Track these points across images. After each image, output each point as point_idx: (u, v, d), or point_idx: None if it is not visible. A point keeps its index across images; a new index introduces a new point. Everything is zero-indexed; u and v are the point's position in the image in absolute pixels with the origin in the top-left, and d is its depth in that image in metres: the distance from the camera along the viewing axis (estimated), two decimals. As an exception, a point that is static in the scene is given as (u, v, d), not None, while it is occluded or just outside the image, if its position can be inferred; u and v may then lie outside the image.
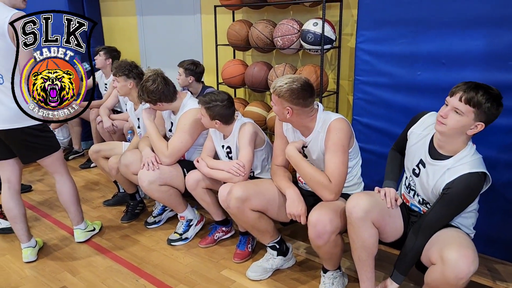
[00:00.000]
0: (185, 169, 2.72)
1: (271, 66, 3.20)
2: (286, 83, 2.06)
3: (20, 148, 2.43)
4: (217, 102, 2.45)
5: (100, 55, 4.21)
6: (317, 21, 2.75)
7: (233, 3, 3.20)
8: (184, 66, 3.48)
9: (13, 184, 2.55)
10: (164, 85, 2.66)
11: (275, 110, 2.16)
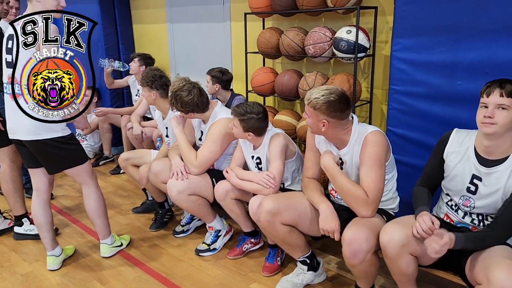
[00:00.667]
0: (214, 178, 2.69)
1: (301, 75, 3.14)
2: (323, 95, 1.99)
3: (44, 159, 2.45)
4: (252, 114, 2.40)
5: (135, 62, 4.27)
6: (350, 29, 2.67)
7: (263, 10, 3.16)
8: (211, 74, 3.46)
9: (41, 193, 2.57)
10: (199, 96, 2.64)
11: (309, 122, 2.09)
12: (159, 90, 3.02)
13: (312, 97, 2.01)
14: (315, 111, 2.02)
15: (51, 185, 2.63)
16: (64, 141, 2.38)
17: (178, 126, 2.75)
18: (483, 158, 1.78)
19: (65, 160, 2.46)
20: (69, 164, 2.49)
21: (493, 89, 1.68)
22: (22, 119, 2.29)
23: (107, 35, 4.81)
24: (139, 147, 4.14)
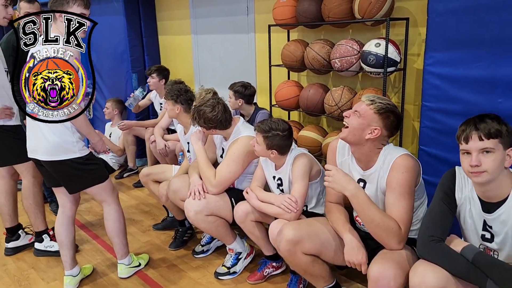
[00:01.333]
0: (234, 198, 2.57)
1: (327, 89, 2.99)
2: (389, 104, 1.89)
3: (63, 179, 2.41)
4: (277, 131, 2.28)
5: (153, 77, 4.26)
6: (379, 42, 2.51)
7: (288, 22, 3.04)
8: (234, 88, 3.37)
9: (66, 210, 2.54)
10: (223, 113, 2.55)
11: (354, 123, 1.88)
12: (183, 104, 2.95)
13: (378, 100, 1.88)
14: (374, 115, 1.86)
15: (77, 202, 2.60)
16: (82, 161, 2.33)
17: (198, 142, 2.66)
18: (486, 203, 1.61)
19: (83, 180, 2.41)
20: (88, 184, 2.44)
21: (470, 133, 1.53)
22: (41, 139, 2.27)
23: (133, 47, 4.80)
24: (162, 160, 4.09)
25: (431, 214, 1.72)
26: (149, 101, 4.63)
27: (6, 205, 2.98)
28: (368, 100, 1.89)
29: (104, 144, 2.51)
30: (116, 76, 5.07)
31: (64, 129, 2.26)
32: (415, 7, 2.59)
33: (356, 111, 1.90)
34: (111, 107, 4.78)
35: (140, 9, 4.78)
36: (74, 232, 2.58)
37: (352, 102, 2.72)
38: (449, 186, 1.70)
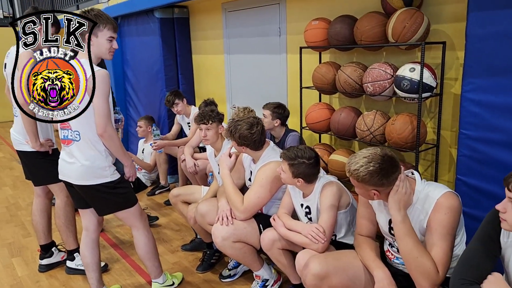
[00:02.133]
0: (261, 225, 2.53)
1: (359, 112, 2.91)
2: (362, 166, 1.77)
3: (93, 202, 2.44)
4: (303, 159, 2.23)
5: (178, 103, 4.39)
6: (414, 66, 2.42)
7: (319, 44, 2.99)
8: (271, 108, 3.33)
9: (90, 233, 2.56)
10: (260, 134, 2.55)
11: (359, 192, 1.90)
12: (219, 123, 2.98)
13: (352, 169, 1.80)
14: (359, 183, 1.81)
15: (100, 225, 2.62)
16: (113, 186, 2.35)
17: (227, 167, 2.64)
18: None
19: (113, 203, 2.43)
20: (117, 208, 2.46)
21: None
22: (73, 163, 2.30)
23: (168, 66, 4.90)
24: (193, 179, 4.11)
25: (468, 254, 1.60)
26: (179, 125, 4.70)
27: (41, 222, 3.06)
28: (347, 172, 1.83)
29: (135, 170, 2.52)
30: (151, 95, 5.17)
31: (97, 154, 2.29)
32: (452, 30, 2.49)
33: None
34: (144, 125, 4.87)
35: (175, 29, 4.88)
36: (99, 254, 2.60)
37: (385, 127, 2.63)
38: (494, 228, 1.56)
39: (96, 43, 2.30)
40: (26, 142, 2.78)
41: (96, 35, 2.29)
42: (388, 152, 1.83)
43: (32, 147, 2.75)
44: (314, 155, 2.28)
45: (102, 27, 2.30)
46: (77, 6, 7.09)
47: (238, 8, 4.17)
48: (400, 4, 2.50)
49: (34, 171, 2.94)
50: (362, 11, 2.81)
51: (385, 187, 1.79)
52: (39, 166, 2.86)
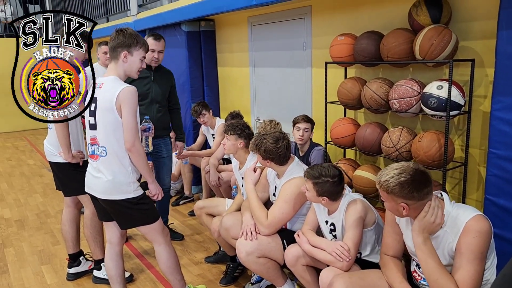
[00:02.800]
0: (285, 240, 2.54)
1: (385, 128, 2.89)
2: (393, 177, 1.77)
3: (116, 216, 2.49)
4: (327, 178, 2.23)
5: (205, 113, 4.48)
6: (442, 84, 2.39)
7: (345, 60, 3.00)
8: (310, 121, 3.35)
9: (114, 245, 2.61)
10: (285, 149, 2.57)
11: (387, 207, 1.88)
12: (246, 139, 3.01)
13: (382, 180, 1.80)
14: (389, 195, 1.80)
15: (123, 238, 2.67)
16: (136, 201, 2.40)
17: (252, 182, 2.66)
18: None
19: (135, 218, 2.48)
20: (139, 223, 2.51)
21: None
22: (98, 178, 2.36)
23: (193, 78, 4.98)
24: (217, 190, 4.15)
25: (504, 278, 1.57)
26: (203, 136, 4.76)
27: (70, 232, 3.15)
28: (378, 184, 1.83)
29: (160, 188, 2.53)
30: (177, 106, 5.26)
31: (122, 170, 2.34)
32: (481, 47, 2.46)
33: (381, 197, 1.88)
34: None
35: (201, 41, 4.96)
36: (122, 266, 2.65)
37: (412, 144, 2.61)
38: None
39: (130, 61, 2.38)
40: (59, 154, 2.88)
41: (132, 54, 2.37)
42: (421, 167, 1.83)
43: (65, 158, 2.84)
44: (338, 173, 2.27)
45: (139, 46, 2.39)
46: (107, 18, 7.30)
47: (263, 22, 4.22)
48: (427, 21, 2.49)
49: (65, 182, 3.03)
50: (388, 26, 2.81)
51: (415, 202, 1.78)
52: (70, 177, 2.95)
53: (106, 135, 2.32)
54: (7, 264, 3.47)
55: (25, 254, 3.64)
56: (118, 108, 2.26)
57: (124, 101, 2.24)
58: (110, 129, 2.30)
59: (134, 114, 2.29)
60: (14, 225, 4.32)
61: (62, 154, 2.83)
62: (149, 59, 3.43)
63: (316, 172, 2.26)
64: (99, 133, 2.34)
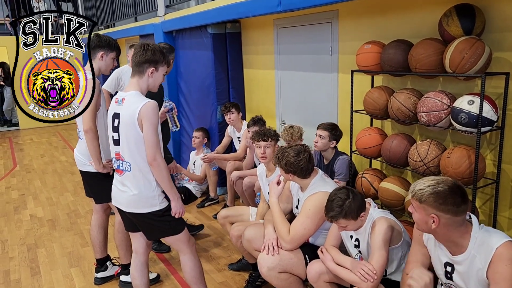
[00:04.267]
0: (308, 256, 2.52)
1: (413, 140, 2.81)
2: (429, 186, 1.74)
3: (142, 228, 2.52)
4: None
5: (233, 112, 4.47)
6: (473, 99, 2.29)
7: (372, 69, 2.92)
8: (329, 129, 3.30)
9: (139, 255, 2.65)
10: (307, 162, 2.55)
11: (416, 218, 1.82)
12: None
13: (417, 188, 1.76)
14: (421, 205, 1.75)
15: (149, 248, 2.71)
16: (161, 214, 2.42)
17: (275, 195, 2.65)
18: None
19: (161, 230, 2.50)
20: (165, 234, 2.54)
21: None
22: (124, 191, 2.40)
23: (219, 80, 4.98)
24: (241, 193, 4.17)
25: None
26: (229, 137, 4.76)
27: (98, 238, 3.22)
28: (411, 192, 1.79)
29: (183, 206, 2.53)
30: (203, 108, 5.29)
31: (147, 184, 2.36)
32: (517, 59, 2.34)
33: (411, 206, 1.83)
34: (201, 137, 5.00)
35: (227, 43, 4.95)
36: (147, 275, 2.70)
37: (440, 159, 2.52)
38: None
39: (155, 77, 2.40)
40: (90, 163, 2.94)
41: (158, 70, 2.39)
42: (459, 183, 1.80)
43: (96, 168, 2.90)
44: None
45: (164, 62, 2.42)
46: (135, 18, 7.39)
47: (289, 25, 4.16)
48: (459, 32, 2.38)
49: (95, 190, 3.10)
50: (417, 34, 2.71)
51: (449, 216, 1.72)
52: (101, 186, 2.99)
53: (129, 150, 2.35)
54: (39, 265, 3.60)
55: (55, 256, 3.76)
56: (140, 124, 2.28)
57: (145, 117, 2.26)
58: (133, 144, 2.33)
59: (155, 129, 2.31)
60: (46, 225, 4.47)
61: (93, 164, 2.89)
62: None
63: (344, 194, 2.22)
64: (123, 149, 2.37)
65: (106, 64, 2.92)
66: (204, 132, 5.08)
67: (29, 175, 6.48)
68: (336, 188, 2.30)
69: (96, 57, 2.84)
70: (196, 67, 5.35)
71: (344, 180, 3.23)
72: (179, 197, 2.48)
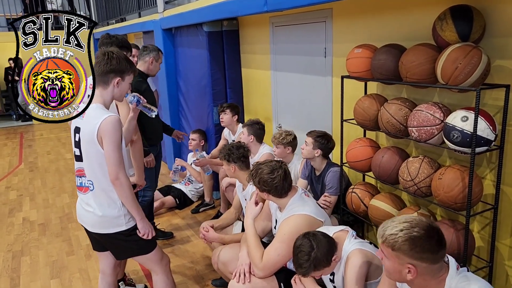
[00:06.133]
0: (283, 283, 2.30)
1: (406, 156, 2.54)
2: (402, 230, 1.49)
3: (109, 248, 2.37)
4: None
5: (227, 113, 4.29)
6: (467, 115, 2.02)
7: (362, 75, 2.66)
8: (314, 137, 3.05)
9: (106, 276, 2.51)
10: (281, 180, 2.33)
11: (387, 266, 1.59)
12: (236, 163, 2.85)
13: (387, 233, 1.51)
14: (394, 253, 1.51)
15: (117, 268, 2.56)
16: (128, 233, 2.25)
17: (250, 216, 2.44)
18: None
19: (130, 249, 2.34)
20: (134, 254, 2.38)
21: None
22: (90, 213, 2.24)
23: (215, 80, 4.77)
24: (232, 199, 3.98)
25: None
26: (225, 140, 4.56)
27: None
28: (380, 237, 1.54)
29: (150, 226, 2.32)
30: (200, 108, 5.10)
31: (111, 203, 2.20)
32: (520, 69, 2.05)
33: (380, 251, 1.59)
34: (198, 139, 4.84)
35: (224, 42, 4.72)
36: None
37: (432, 179, 2.25)
38: None
39: (121, 87, 2.24)
40: None
41: (124, 80, 2.24)
42: (435, 224, 1.56)
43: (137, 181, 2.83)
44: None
45: (131, 71, 2.26)
46: (139, 13, 7.23)
47: (285, 23, 3.90)
48: (454, 37, 2.10)
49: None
50: (414, 36, 2.44)
51: (427, 264, 1.49)
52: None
53: (91, 168, 2.19)
54: (20, 275, 3.50)
55: (39, 265, 3.66)
56: (100, 140, 2.10)
57: (104, 133, 2.08)
58: (94, 162, 2.16)
59: (117, 146, 2.12)
60: (37, 230, 4.39)
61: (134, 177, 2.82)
62: (156, 71, 3.36)
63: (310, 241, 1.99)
64: (85, 166, 2.21)
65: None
66: (201, 134, 4.90)
67: (31, 174, 6.46)
68: (298, 237, 2.06)
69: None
70: (194, 67, 5.15)
71: (334, 194, 2.99)
72: (144, 216, 2.30)
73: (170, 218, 4.57)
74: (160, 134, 3.81)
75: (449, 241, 2.16)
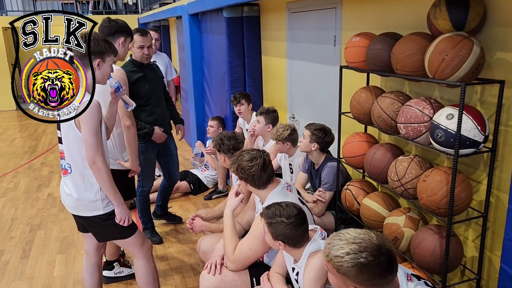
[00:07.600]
0: (255, 278, 2.24)
1: (400, 153, 2.37)
2: (349, 254, 1.36)
3: (90, 229, 2.41)
4: (282, 218, 1.88)
5: (243, 103, 4.23)
6: (453, 113, 1.83)
7: (360, 66, 2.50)
8: (311, 129, 2.95)
9: (90, 257, 2.56)
10: (259, 170, 2.25)
11: (332, 282, 1.48)
12: (226, 153, 2.80)
13: (333, 253, 1.39)
14: (339, 276, 1.40)
15: (100, 249, 2.60)
16: (105, 217, 2.28)
17: (229, 207, 2.38)
18: None
19: (110, 233, 2.38)
20: (113, 237, 2.42)
21: None
22: (68, 195, 2.29)
23: (234, 67, 4.70)
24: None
25: None
26: (240, 129, 4.53)
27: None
28: (326, 256, 1.42)
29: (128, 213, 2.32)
30: (219, 94, 5.09)
31: (88, 187, 2.22)
32: (518, 63, 1.82)
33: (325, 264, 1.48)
34: (216, 126, 4.83)
35: (244, 28, 4.63)
36: (99, 278, 2.59)
37: (419, 180, 2.08)
38: None
39: (103, 69, 2.27)
40: (117, 162, 2.89)
41: (105, 61, 2.26)
42: (388, 244, 1.41)
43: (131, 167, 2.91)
44: (296, 213, 1.89)
45: (111, 52, 2.28)
46: (159, 4, 7.27)
47: (300, 9, 3.76)
48: (447, 26, 1.90)
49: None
50: (425, 26, 2.24)
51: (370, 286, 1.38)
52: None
53: (69, 151, 2.23)
54: (31, 248, 3.69)
55: (51, 239, 3.83)
56: (78, 124, 2.13)
57: (82, 117, 2.10)
58: (72, 145, 2.20)
59: (94, 130, 2.14)
60: (57, 206, 4.59)
61: (126, 163, 2.90)
62: (139, 56, 3.28)
63: (271, 211, 1.91)
64: (64, 149, 2.25)
65: None
66: (220, 121, 4.89)
67: (66, 152, 6.77)
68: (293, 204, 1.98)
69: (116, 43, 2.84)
70: (216, 53, 5.12)
71: (329, 189, 2.87)
72: (123, 203, 2.31)
73: (183, 203, 4.62)
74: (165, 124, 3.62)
75: (431, 249, 2.00)
